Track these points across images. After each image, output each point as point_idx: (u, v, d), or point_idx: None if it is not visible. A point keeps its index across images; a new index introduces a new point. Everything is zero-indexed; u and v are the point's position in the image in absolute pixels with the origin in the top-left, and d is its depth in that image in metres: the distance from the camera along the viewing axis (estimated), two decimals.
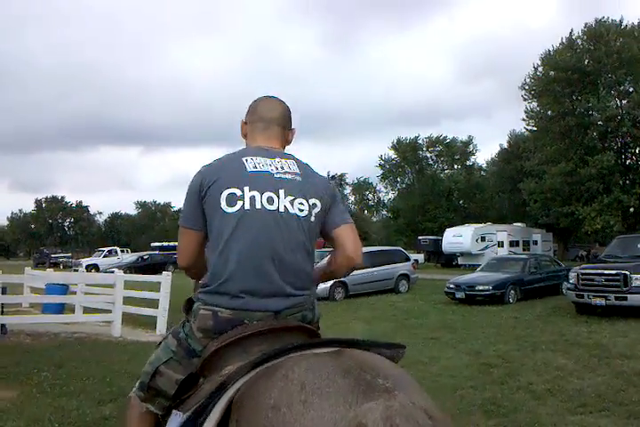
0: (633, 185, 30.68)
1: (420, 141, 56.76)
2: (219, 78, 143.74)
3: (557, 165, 30.61)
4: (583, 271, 12.94)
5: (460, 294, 15.91)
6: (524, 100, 33.58)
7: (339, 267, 2.06)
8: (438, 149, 56.75)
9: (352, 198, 70.76)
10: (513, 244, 35.09)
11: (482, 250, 33.63)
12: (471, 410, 5.49)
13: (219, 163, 1.99)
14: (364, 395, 1.33)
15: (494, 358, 8.10)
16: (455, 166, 56.75)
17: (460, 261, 35.24)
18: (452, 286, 16.39)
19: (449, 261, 37.22)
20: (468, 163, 56.85)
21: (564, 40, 31.98)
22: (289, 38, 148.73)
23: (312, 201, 1.93)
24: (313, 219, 1.92)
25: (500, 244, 34.56)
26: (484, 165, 57.15)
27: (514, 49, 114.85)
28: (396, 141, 56.75)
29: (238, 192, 1.87)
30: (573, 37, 31.72)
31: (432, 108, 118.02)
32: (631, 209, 30.50)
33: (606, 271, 12.43)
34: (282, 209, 1.87)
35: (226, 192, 1.87)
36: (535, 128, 34.62)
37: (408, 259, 20.85)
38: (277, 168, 1.94)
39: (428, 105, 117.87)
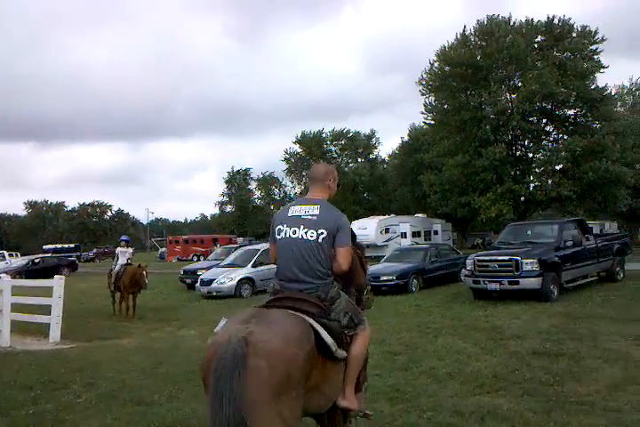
0: (523, 175, 32.49)
1: (324, 135, 57.27)
2: (119, 70, 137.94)
3: (454, 157, 31.81)
4: (478, 258, 13.52)
5: None
6: (422, 94, 34.59)
7: (334, 270, 3.48)
8: (342, 142, 57.48)
9: (257, 193, 70.19)
10: (415, 234, 36.28)
11: (386, 241, 34.47)
12: (375, 397, 5.56)
13: (282, 209, 3.67)
14: (239, 324, 2.91)
15: (398, 345, 8.30)
16: (359, 160, 57.73)
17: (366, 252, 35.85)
18: None
19: None
20: (371, 156, 58.03)
21: (458, 36, 33.09)
22: (195, 30, 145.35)
23: (320, 231, 3.40)
24: (320, 240, 3.39)
25: (404, 235, 35.61)
26: (387, 159, 58.52)
27: (420, 44, 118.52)
28: (300, 135, 56.90)
29: (282, 227, 3.50)
30: (467, 34, 32.88)
31: (341, 102, 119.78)
32: (522, 198, 32.27)
33: (499, 258, 13.07)
34: (300, 237, 3.41)
35: (278, 227, 3.53)
36: (433, 122, 35.77)
37: None
38: (305, 212, 3.47)
39: (338, 99, 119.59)
